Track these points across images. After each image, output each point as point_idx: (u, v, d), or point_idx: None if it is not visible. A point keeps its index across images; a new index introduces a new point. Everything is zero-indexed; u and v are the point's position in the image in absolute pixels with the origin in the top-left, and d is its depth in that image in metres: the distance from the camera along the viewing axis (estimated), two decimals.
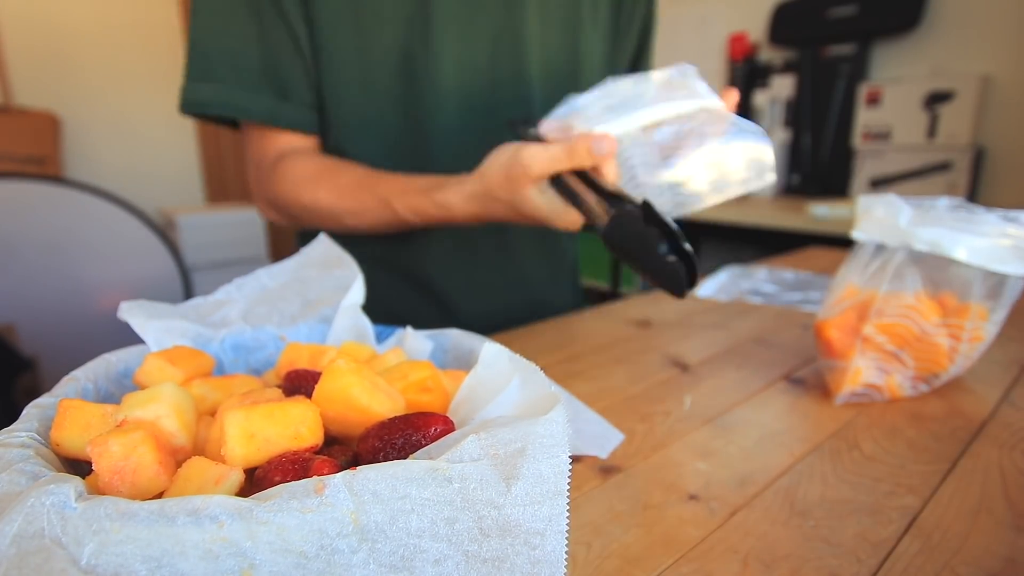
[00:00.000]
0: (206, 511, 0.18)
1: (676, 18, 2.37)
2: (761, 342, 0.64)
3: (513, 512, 0.21)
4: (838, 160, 1.93)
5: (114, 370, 0.31)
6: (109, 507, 0.18)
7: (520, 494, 0.21)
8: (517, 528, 0.21)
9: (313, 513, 0.18)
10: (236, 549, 0.18)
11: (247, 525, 0.18)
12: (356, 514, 0.19)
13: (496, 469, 0.21)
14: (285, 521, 0.18)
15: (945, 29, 1.74)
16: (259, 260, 2.39)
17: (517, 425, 0.21)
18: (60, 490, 0.18)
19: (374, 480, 0.19)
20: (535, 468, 0.21)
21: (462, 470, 0.20)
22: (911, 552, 0.32)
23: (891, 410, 0.48)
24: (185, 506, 0.18)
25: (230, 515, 0.18)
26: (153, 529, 0.17)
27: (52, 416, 0.25)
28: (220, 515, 0.18)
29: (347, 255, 0.42)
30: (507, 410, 0.25)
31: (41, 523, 0.18)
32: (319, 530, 0.18)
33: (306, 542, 0.18)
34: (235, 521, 0.18)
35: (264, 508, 0.18)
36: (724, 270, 0.96)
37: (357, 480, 0.19)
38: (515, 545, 0.21)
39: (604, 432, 0.44)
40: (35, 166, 2.09)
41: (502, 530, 0.21)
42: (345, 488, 0.19)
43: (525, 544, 0.21)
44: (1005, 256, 0.46)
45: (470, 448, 0.21)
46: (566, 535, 0.22)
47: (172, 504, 0.18)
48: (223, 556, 0.18)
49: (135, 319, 0.33)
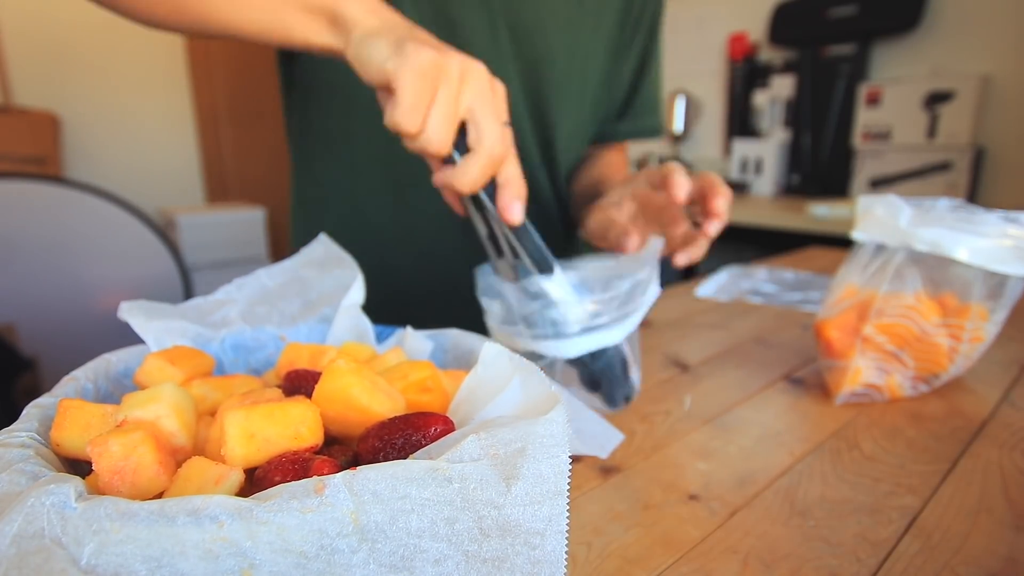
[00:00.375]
0: (206, 511, 0.18)
1: (676, 18, 2.37)
2: (761, 342, 0.64)
3: (513, 512, 0.21)
4: (838, 160, 1.93)
5: (114, 370, 0.31)
6: (109, 507, 0.18)
7: (520, 494, 0.21)
8: (517, 528, 0.21)
9: (313, 513, 0.18)
10: (236, 549, 0.18)
11: (247, 525, 0.18)
12: (356, 514, 0.19)
13: (496, 469, 0.21)
14: (285, 521, 0.18)
15: (945, 29, 1.75)
16: (259, 260, 2.39)
17: (517, 425, 0.21)
18: (60, 490, 0.18)
19: (374, 480, 0.19)
20: (535, 468, 0.21)
21: (462, 470, 0.20)
22: (911, 552, 0.32)
23: (891, 410, 0.48)
24: (185, 506, 0.18)
25: (230, 515, 0.18)
26: (153, 529, 0.17)
27: (52, 416, 0.25)
28: (220, 515, 0.18)
29: (347, 255, 0.42)
30: (507, 410, 0.25)
31: (41, 523, 0.18)
32: (319, 530, 0.18)
33: (306, 542, 0.18)
34: (235, 521, 0.18)
35: (264, 508, 0.18)
36: (724, 270, 0.96)
37: (357, 480, 0.19)
38: (515, 545, 0.21)
39: (604, 432, 0.44)
40: (35, 166, 2.09)
41: (502, 530, 0.21)
42: (345, 488, 0.19)
43: (525, 544, 0.21)
44: (1006, 257, 0.46)
45: (470, 448, 0.21)
46: (566, 535, 0.22)
47: (172, 504, 0.18)
48: (223, 556, 0.18)
49: (135, 319, 0.33)
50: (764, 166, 2.07)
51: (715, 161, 2.36)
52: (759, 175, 2.08)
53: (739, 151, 2.13)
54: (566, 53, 0.68)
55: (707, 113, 2.36)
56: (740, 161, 2.12)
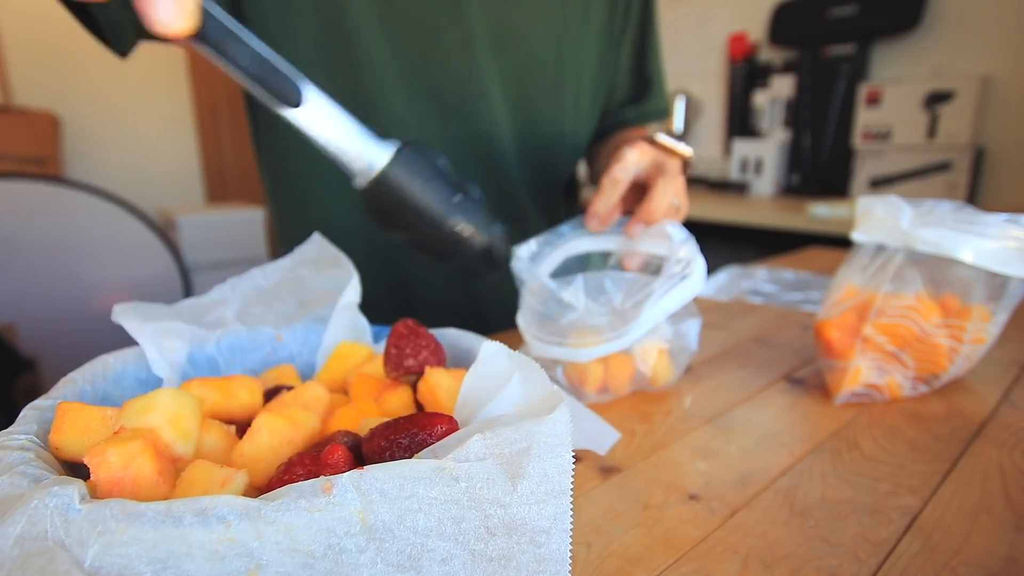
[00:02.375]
0: (214, 511, 0.18)
1: (676, 18, 2.36)
2: (761, 342, 0.64)
3: (519, 511, 0.21)
4: (838, 160, 1.93)
5: (112, 371, 0.31)
6: (115, 508, 0.18)
7: (526, 493, 0.21)
8: (523, 527, 0.21)
9: (321, 512, 0.18)
10: (243, 549, 0.18)
11: (254, 525, 0.18)
12: (364, 513, 0.19)
13: (502, 468, 0.21)
14: (293, 520, 0.18)
15: (945, 29, 1.75)
16: (259, 260, 2.39)
17: (522, 425, 0.21)
18: (64, 492, 0.18)
19: (381, 479, 0.19)
20: (540, 467, 0.21)
21: (468, 469, 0.20)
22: (911, 552, 0.32)
23: (891, 410, 0.48)
24: (192, 506, 0.18)
25: (238, 515, 0.18)
26: (160, 530, 0.17)
27: (50, 419, 0.25)
28: (228, 515, 0.18)
29: (342, 255, 0.41)
30: (508, 408, 0.25)
31: (44, 525, 0.18)
32: (327, 529, 0.18)
33: (313, 541, 0.18)
34: (242, 521, 0.18)
35: (272, 507, 0.18)
36: (724, 270, 0.96)
37: (364, 479, 0.19)
38: (521, 544, 0.21)
39: (601, 430, 0.44)
40: (35, 166, 2.09)
41: (508, 529, 0.21)
42: (353, 487, 0.19)
43: (531, 543, 0.21)
44: (1010, 258, 0.46)
45: (476, 447, 0.21)
46: (570, 533, 0.22)
47: (179, 504, 0.18)
48: (229, 557, 0.18)
49: (129, 322, 0.33)
50: (764, 166, 2.07)
51: (715, 161, 2.35)
52: (759, 175, 2.08)
53: (739, 151, 2.13)
54: (555, 58, 0.67)
55: (707, 113, 2.36)
56: (740, 161, 2.12)
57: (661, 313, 0.47)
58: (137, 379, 0.32)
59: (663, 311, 0.47)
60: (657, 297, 0.47)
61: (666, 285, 0.47)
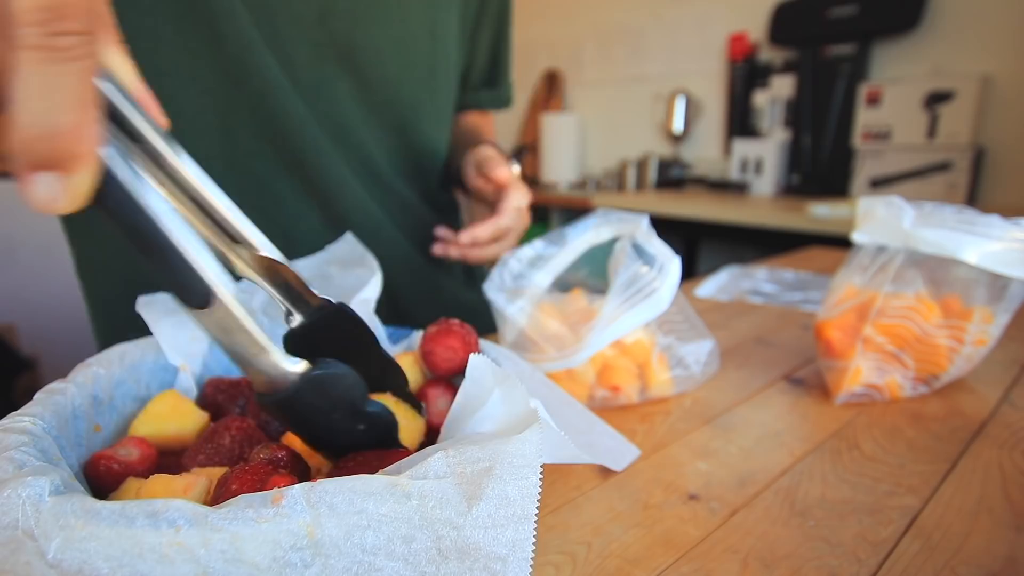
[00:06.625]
0: (164, 514, 0.18)
1: (676, 18, 2.37)
2: (761, 342, 0.64)
3: (473, 534, 0.20)
4: (838, 160, 1.93)
5: (129, 359, 0.32)
6: (76, 504, 0.18)
7: (482, 515, 0.20)
8: (477, 551, 0.20)
9: (268, 523, 0.18)
10: (191, 555, 0.17)
11: (201, 532, 0.17)
12: (312, 527, 0.18)
13: (459, 488, 0.20)
14: (239, 530, 0.18)
15: (945, 29, 1.75)
16: None
17: (487, 443, 0.20)
18: (36, 483, 0.18)
19: (332, 492, 0.19)
20: (501, 489, 0.20)
21: (422, 487, 0.19)
22: (911, 552, 0.32)
23: (891, 410, 0.48)
24: (145, 508, 0.18)
25: (187, 520, 0.18)
26: (114, 529, 0.17)
27: (63, 402, 0.26)
28: (177, 519, 0.18)
29: (369, 254, 0.41)
30: (488, 426, 0.24)
31: (16, 514, 0.18)
32: (273, 541, 0.18)
33: (259, 553, 0.18)
34: (191, 527, 0.17)
35: (219, 515, 0.18)
36: (724, 270, 0.96)
37: (315, 492, 0.18)
38: (474, 570, 0.20)
39: (619, 446, 0.42)
40: None
41: (461, 552, 0.20)
42: (303, 499, 0.18)
43: (485, 569, 0.20)
44: (1014, 260, 0.46)
45: (437, 465, 0.20)
46: (531, 562, 0.21)
47: (133, 506, 0.18)
48: (178, 562, 0.17)
49: (150, 314, 0.33)
50: (764, 166, 2.07)
51: (715, 161, 2.36)
52: (759, 175, 2.09)
53: (739, 151, 2.13)
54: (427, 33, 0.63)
55: (707, 113, 2.36)
56: (740, 161, 2.12)
57: (615, 334, 0.44)
58: (157, 364, 0.33)
59: (618, 332, 0.44)
60: (610, 317, 0.44)
61: (625, 304, 0.44)
